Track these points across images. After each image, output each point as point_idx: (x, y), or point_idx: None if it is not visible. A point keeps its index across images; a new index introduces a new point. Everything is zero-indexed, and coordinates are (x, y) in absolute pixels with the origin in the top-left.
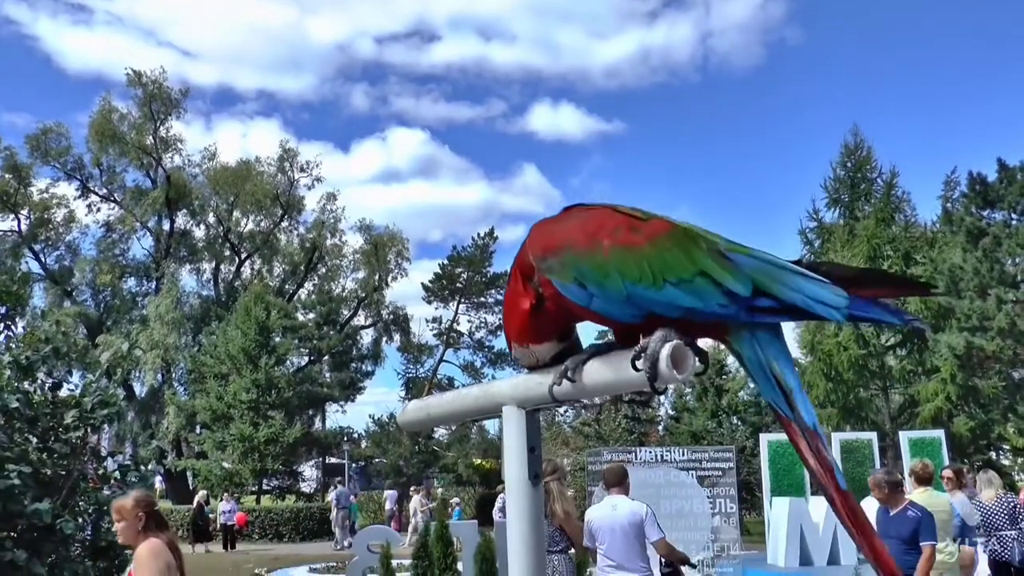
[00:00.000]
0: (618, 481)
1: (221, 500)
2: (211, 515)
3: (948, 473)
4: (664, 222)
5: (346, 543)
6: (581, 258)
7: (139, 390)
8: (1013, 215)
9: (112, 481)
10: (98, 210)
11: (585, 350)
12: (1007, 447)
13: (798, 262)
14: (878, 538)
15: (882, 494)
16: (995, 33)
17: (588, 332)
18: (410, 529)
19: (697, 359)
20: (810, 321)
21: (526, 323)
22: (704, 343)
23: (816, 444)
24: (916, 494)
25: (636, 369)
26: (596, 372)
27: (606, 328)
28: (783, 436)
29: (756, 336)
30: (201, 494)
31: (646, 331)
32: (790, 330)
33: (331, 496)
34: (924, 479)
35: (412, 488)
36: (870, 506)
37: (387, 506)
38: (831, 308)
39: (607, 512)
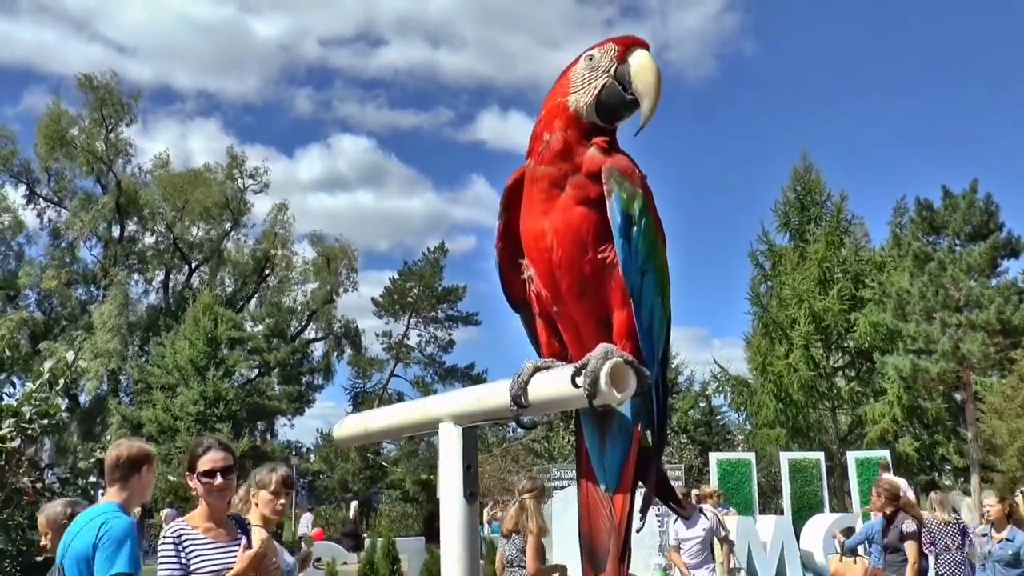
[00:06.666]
0: None
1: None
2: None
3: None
4: None
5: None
6: (647, 210)
7: (83, 399)
8: (957, 241)
9: (50, 495)
10: (46, 215)
11: (527, 365)
12: (949, 467)
13: None
14: None
15: None
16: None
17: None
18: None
19: (637, 380)
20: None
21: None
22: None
23: (610, 510)
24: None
25: (576, 386)
26: (538, 389)
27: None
28: (732, 455)
29: (646, 400)
30: (355, 504)
31: (598, 309)
32: (739, 350)
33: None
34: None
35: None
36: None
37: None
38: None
39: None
